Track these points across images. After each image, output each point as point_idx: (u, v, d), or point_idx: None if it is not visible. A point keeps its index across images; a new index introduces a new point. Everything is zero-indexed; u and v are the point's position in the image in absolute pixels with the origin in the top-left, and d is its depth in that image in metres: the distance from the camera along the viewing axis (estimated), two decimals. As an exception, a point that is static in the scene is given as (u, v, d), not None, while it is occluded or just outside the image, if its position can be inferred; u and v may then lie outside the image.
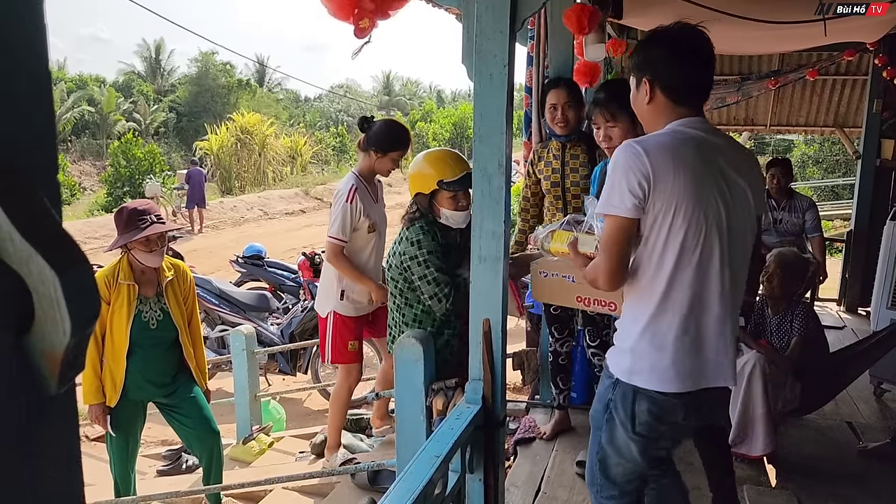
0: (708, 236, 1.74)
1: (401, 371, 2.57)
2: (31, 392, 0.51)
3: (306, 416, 6.35)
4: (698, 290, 1.77)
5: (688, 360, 1.80)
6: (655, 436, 1.91)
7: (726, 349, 1.84)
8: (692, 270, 1.76)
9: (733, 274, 1.80)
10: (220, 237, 16.11)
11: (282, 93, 42.40)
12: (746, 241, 1.85)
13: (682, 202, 1.71)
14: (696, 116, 1.82)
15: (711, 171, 1.75)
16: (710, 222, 1.74)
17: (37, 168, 0.52)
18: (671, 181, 1.70)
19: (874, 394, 4.25)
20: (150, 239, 3.21)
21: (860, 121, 7.11)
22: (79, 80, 33.53)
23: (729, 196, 1.77)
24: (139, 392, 3.36)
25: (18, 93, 0.50)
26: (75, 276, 0.50)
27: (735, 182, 1.79)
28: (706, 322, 1.80)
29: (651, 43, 1.88)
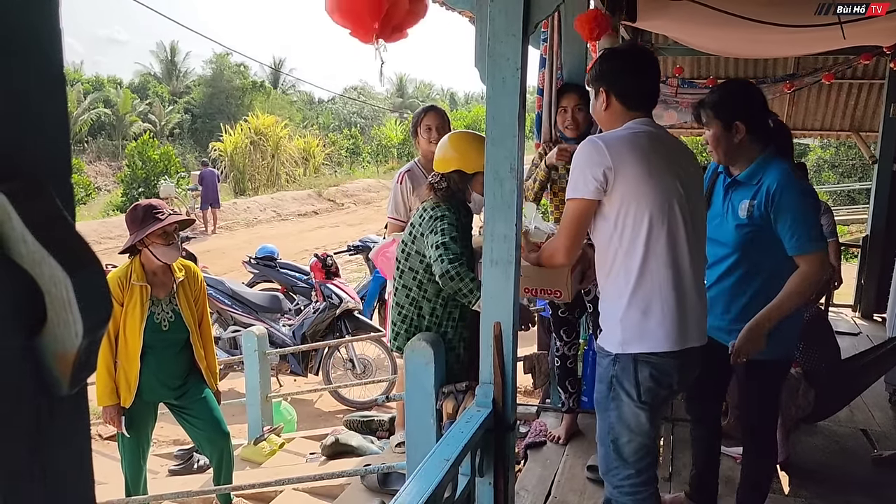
0: (672, 210, 2.00)
1: (411, 374, 2.57)
2: (43, 393, 0.52)
3: (317, 418, 6.37)
4: (671, 259, 2.01)
5: (673, 322, 2.02)
6: (658, 403, 2.12)
7: (702, 310, 2.13)
8: (664, 242, 1.99)
9: (699, 243, 2.11)
10: (233, 238, 16.19)
11: (296, 94, 42.59)
12: (704, 216, 2.21)
13: (644, 184, 1.97)
14: (647, 118, 2.12)
15: (665, 155, 2.05)
16: (673, 199, 2.00)
17: (50, 170, 0.53)
18: (630, 167, 1.97)
19: (889, 401, 4.20)
20: (168, 231, 3.23)
21: (877, 125, 7.04)
22: (95, 82, 33.85)
23: (684, 175, 2.06)
24: (152, 393, 3.38)
25: (32, 95, 0.51)
26: (87, 278, 0.50)
27: (686, 164, 2.12)
28: (683, 286, 2.04)
29: (607, 59, 2.18)
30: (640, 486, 2.16)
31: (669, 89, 6.81)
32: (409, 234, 2.87)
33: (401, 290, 2.91)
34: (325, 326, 6.54)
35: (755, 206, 2.34)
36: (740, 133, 2.36)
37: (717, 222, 2.49)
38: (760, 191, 2.33)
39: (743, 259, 2.41)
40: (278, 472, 4.52)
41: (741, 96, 2.44)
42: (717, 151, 2.44)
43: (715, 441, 2.83)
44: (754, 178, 2.38)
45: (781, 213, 2.27)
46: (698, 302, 2.10)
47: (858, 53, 6.03)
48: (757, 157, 2.39)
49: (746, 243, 2.38)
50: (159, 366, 3.34)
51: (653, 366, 2.04)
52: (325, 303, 6.52)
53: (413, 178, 3.74)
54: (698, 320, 2.10)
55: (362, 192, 23.60)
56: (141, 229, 3.19)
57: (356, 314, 6.60)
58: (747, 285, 2.43)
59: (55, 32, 0.51)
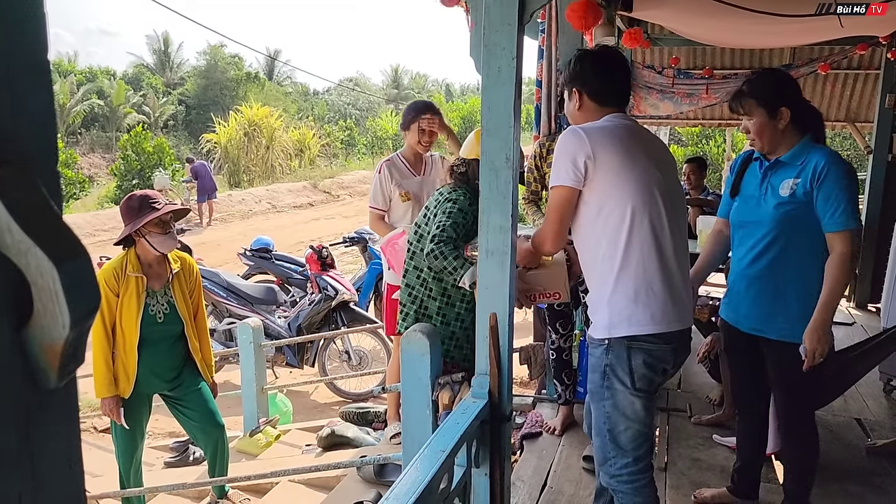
0: (653, 197, 2.06)
1: (407, 365, 2.56)
2: (32, 386, 0.51)
3: (313, 409, 6.37)
4: (655, 244, 2.06)
5: (659, 305, 2.07)
6: (652, 389, 2.16)
7: (687, 294, 2.19)
8: (647, 228, 2.05)
9: (680, 228, 2.16)
10: (229, 230, 16.14)
11: (290, 86, 42.40)
12: (683, 204, 2.27)
13: (624, 171, 2.05)
14: (621, 112, 2.21)
15: (642, 144, 2.13)
16: (653, 185, 2.07)
17: (36, 159, 0.52)
18: (610, 155, 2.05)
19: (884, 391, 4.22)
20: (164, 221, 3.22)
21: (872, 115, 7.04)
22: (89, 73, 33.60)
23: (661, 163, 2.14)
24: (146, 385, 3.38)
25: (17, 83, 0.50)
26: (74, 269, 0.49)
27: (661, 153, 2.21)
28: (669, 270, 2.09)
29: (577, 61, 2.26)
30: (638, 473, 2.18)
31: (666, 80, 6.79)
32: (424, 217, 2.99)
33: (414, 270, 3.03)
34: (321, 318, 6.54)
35: (799, 183, 2.39)
36: (784, 119, 2.42)
37: (751, 205, 2.55)
38: (806, 169, 2.39)
39: (780, 236, 2.45)
40: (274, 463, 4.52)
41: (783, 83, 2.49)
42: (761, 139, 2.47)
43: (759, 434, 2.84)
44: (798, 158, 2.44)
45: (825, 188, 2.33)
46: (683, 285, 2.15)
47: (854, 44, 6.02)
48: (798, 141, 2.45)
49: (785, 221, 2.42)
50: (154, 357, 3.33)
51: (646, 352, 2.08)
52: (321, 294, 6.51)
53: (393, 169, 3.80)
54: (685, 303, 2.16)
55: (358, 183, 23.54)
56: (137, 219, 3.18)
57: (352, 306, 6.59)
58: (784, 265, 2.46)
59: (39, 16, 0.50)
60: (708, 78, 6.78)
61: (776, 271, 2.46)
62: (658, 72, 6.82)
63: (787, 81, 2.52)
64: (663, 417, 3.77)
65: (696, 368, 4.39)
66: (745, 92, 2.47)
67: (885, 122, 6.29)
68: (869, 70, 7.32)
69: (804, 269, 2.42)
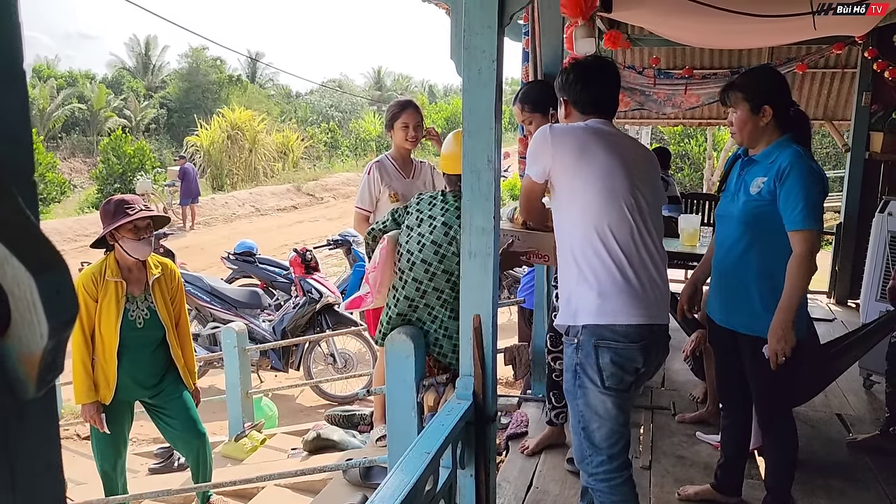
0: (615, 193, 2.11)
1: (392, 368, 2.56)
2: (9, 397, 0.51)
3: (299, 413, 6.35)
4: (620, 238, 2.11)
5: (621, 297, 2.10)
6: (624, 387, 2.16)
7: (660, 290, 2.19)
8: (611, 223, 2.11)
9: (651, 225, 2.19)
10: (212, 234, 16.05)
11: (273, 88, 42.19)
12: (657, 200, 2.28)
13: (583, 167, 2.12)
14: (604, 119, 2.27)
15: (609, 143, 2.17)
16: (617, 182, 2.12)
17: (11, 167, 0.51)
18: (568, 152, 2.14)
19: (864, 386, 4.27)
20: (139, 226, 3.19)
21: (849, 114, 7.12)
22: (69, 77, 33.27)
23: (634, 161, 2.19)
24: (127, 392, 3.34)
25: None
26: (52, 279, 0.49)
27: (634, 152, 2.25)
28: (633, 264, 2.12)
29: (565, 72, 2.35)
30: (614, 471, 2.20)
31: (647, 80, 6.83)
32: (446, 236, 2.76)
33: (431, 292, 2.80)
34: (306, 321, 6.52)
35: (765, 182, 2.44)
36: (767, 117, 2.46)
37: (728, 200, 2.63)
38: (772, 168, 2.43)
39: (746, 232, 2.50)
40: (260, 468, 4.50)
41: (771, 81, 2.54)
42: (741, 133, 2.53)
43: (742, 431, 2.86)
44: (769, 157, 2.48)
45: (787, 187, 2.37)
46: (651, 282, 2.15)
47: (831, 43, 6.09)
48: (775, 140, 2.50)
49: (751, 218, 2.48)
50: (134, 364, 3.30)
51: (613, 350, 2.10)
52: (305, 298, 6.49)
53: (382, 170, 3.77)
54: (653, 299, 2.15)
55: (341, 185, 23.49)
56: (111, 223, 3.16)
57: (336, 309, 6.57)
58: (748, 260, 2.51)
59: (13, 24, 0.50)
60: (688, 77, 6.83)
61: (742, 266, 2.53)
62: (639, 72, 6.86)
63: (776, 80, 2.56)
64: (647, 415, 3.79)
65: (679, 366, 4.43)
66: (735, 84, 2.53)
67: (862, 120, 6.36)
68: (846, 69, 7.39)
69: (768, 265, 2.47)
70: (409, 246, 2.79)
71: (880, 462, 3.31)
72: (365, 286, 2.94)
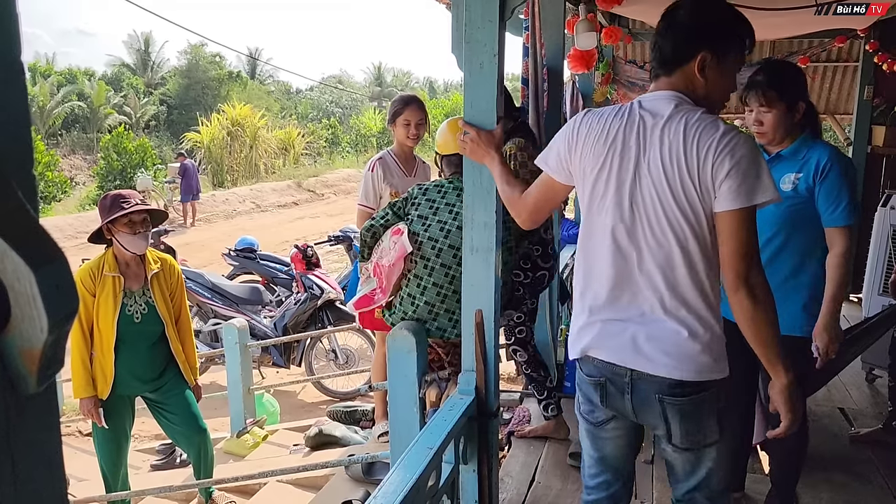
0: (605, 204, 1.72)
1: (394, 362, 2.56)
2: (10, 391, 0.50)
3: (300, 409, 6.35)
4: (590, 258, 1.79)
5: (577, 327, 1.84)
6: (593, 420, 1.89)
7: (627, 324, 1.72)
8: (589, 238, 1.79)
9: (637, 247, 1.69)
10: (213, 230, 16.05)
11: (273, 84, 42.18)
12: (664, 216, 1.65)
13: (588, 169, 1.75)
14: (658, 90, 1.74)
15: (627, 142, 1.68)
16: (601, 184, 1.72)
17: (11, 162, 0.51)
18: (582, 150, 1.76)
19: (866, 380, 4.27)
20: (134, 221, 3.20)
21: (851, 107, 7.11)
22: (68, 74, 33.24)
23: (646, 169, 1.66)
24: (126, 387, 3.34)
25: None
26: (52, 273, 0.49)
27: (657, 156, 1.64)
28: (594, 288, 1.78)
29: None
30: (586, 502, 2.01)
31: (647, 74, 6.82)
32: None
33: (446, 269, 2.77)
34: (307, 317, 6.52)
35: (801, 178, 2.40)
36: (800, 113, 2.43)
37: None
38: (808, 164, 2.40)
39: (780, 231, 2.45)
40: (262, 464, 4.51)
41: (802, 77, 2.51)
42: (775, 131, 2.45)
43: (745, 426, 2.82)
44: (798, 153, 2.45)
45: (828, 184, 2.34)
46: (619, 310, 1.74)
47: (833, 36, 6.08)
48: (798, 135, 2.47)
49: (786, 216, 2.43)
50: (133, 359, 3.31)
51: (580, 379, 1.89)
52: (307, 294, 6.49)
53: (385, 167, 3.74)
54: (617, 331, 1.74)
55: (342, 182, 23.49)
56: (106, 217, 3.17)
57: (338, 304, 6.57)
58: (783, 259, 2.46)
59: (11, 16, 0.50)
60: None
61: (776, 265, 2.44)
62: (639, 66, 6.84)
63: (803, 75, 2.54)
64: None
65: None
66: (767, 83, 2.43)
67: (864, 114, 6.35)
68: (848, 62, 7.39)
69: (800, 262, 2.43)
70: (431, 233, 2.74)
71: (883, 456, 3.31)
72: (370, 282, 2.92)
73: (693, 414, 1.73)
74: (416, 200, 2.85)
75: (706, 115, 1.65)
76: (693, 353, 1.67)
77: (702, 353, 1.67)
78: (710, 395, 1.73)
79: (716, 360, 1.70)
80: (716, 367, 1.70)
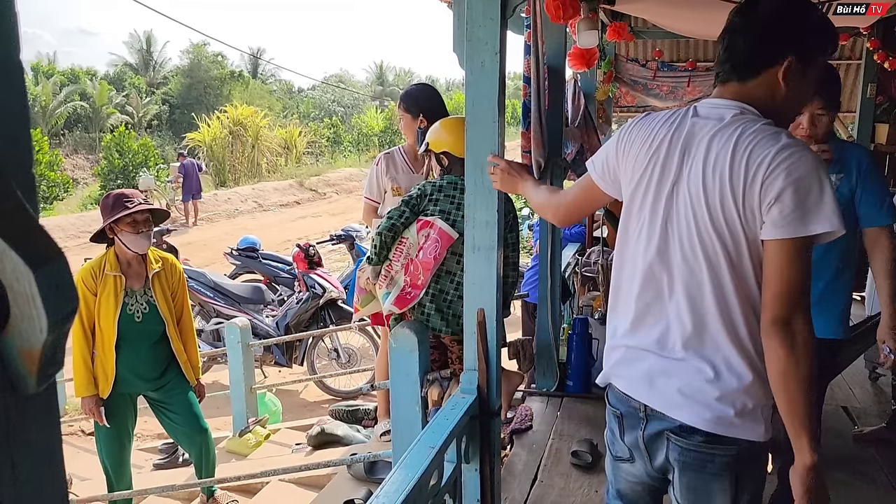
0: (641, 221, 1.54)
1: (396, 362, 2.56)
2: (10, 392, 0.50)
3: (303, 408, 6.36)
4: (621, 276, 1.62)
5: (608, 345, 1.66)
6: (613, 454, 1.70)
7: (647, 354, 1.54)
8: (622, 254, 1.61)
9: (669, 271, 1.50)
10: (215, 230, 16.06)
11: (275, 84, 42.20)
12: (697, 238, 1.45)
13: (628, 179, 1.57)
14: (720, 97, 1.52)
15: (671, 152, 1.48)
16: (647, 204, 1.52)
17: (10, 162, 0.51)
18: (626, 158, 1.58)
19: (869, 378, 4.26)
20: (137, 220, 3.20)
21: (854, 105, 7.09)
22: (70, 74, 33.29)
23: (685, 183, 1.46)
24: (127, 386, 3.35)
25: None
26: (51, 272, 0.49)
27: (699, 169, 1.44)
28: (622, 310, 1.61)
29: None
30: None
31: (649, 72, 6.82)
32: None
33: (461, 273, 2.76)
34: (309, 316, 6.52)
35: (843, 179, 2.40)
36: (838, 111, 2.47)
37: None
38: (847, 165, 2.40)
39: None
40: (264, 463, 4.51)
41: (839, 78, 2.51)
42: (819, 130, 2.41)
43: None
44: (834, 154, 2.43)
45: (871, 184, 2.36)
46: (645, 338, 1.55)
47: (835, 34, 6.06)
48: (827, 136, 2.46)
49: None
50: (134, 358, 3.31)
51: (607, 406, 1.70)
52: (309, 293, 6.49)
53: (390, 162, 3.73)
54: (637, 364, 1.56)
55: (344, 181, 23.50)
56: (108, 217, 3.17)
57: (340, 304, 6.58)
58: (827, 265, 2.43)
59: (9, 16, 0.49)
60: (691, 70, 6.82)
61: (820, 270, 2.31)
62: (642, 65, 6.84)
63: None
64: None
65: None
66: (831, 93, 2.38)
67: (867, 112, 6.34)
68: (851, 60, 7.36)
69: (842, 266, 2.45)
70: (458, 228, 2.76)
71: (886, 454, 3.30)
72: (395, 284, 2.84)
73: (696, 469, 1.50)
74: (434, 197, 2.86)
75: (768, 125, 1.42)
76: (708, 400, 1.45)
77: (720, 400, 1.44)
78: (725, 454, 1.47)
79: (740, 415, 1.44)
80: (739, 424, 1.44)
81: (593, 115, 4.91)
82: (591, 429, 3.44)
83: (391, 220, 2.84)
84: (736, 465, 1.47)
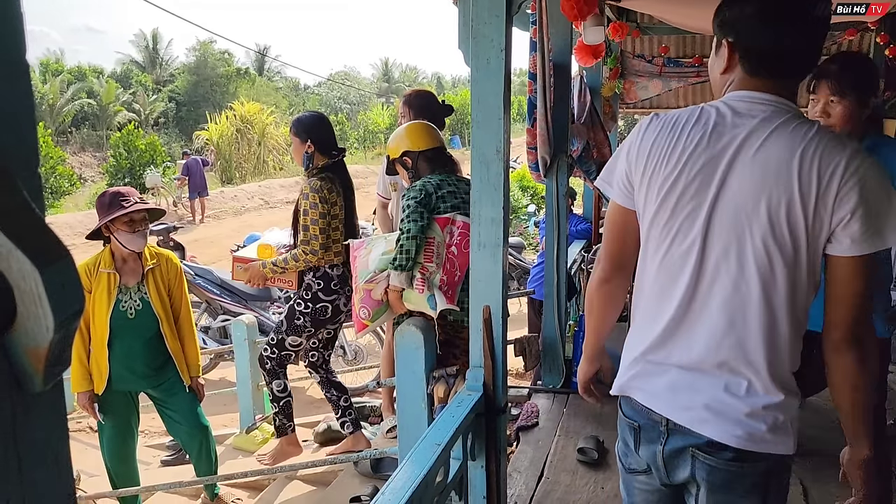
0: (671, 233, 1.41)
1: (402, 359, 2.56)
2: (16, 390, 0.51)
3: (309, 405, 6.36)
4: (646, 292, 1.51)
5: (628, 359, 1.56)
6: (626, 466, 1.63)
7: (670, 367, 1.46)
8: (644, 270, 1.51)
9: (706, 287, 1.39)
10: (222, 227, 16.11)
11: (281, 81, 42.28)
12: (751, 250, 1.34)
13: (654, 188, 1.42)
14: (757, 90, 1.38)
15: (712, 156, 1.35)
16: (679, 215, 1.39)
17: (16, 160, 0.51)
18: (646, 164, 1.43)
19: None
20: (134, 219, 3.22)
21: (862, 101, 7.07)
22: (77, 72, 33.41)
23: (735, 190, 1.33)
24: (123, 382, 3.36)
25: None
26: (57, 271, 0.49)
27: (754, 175, 1.31)
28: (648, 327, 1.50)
29: None
30: None
31: (655, 68, 6.80)
32: None
33: None
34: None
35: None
36: (869, 109, 2.32)
37: None
38: (888, 164, 2.29)
39: None
40: (271, 460, 4.52)
41: (875, 70, 2.39)
42: (844, 125, 2.30)
43: None
44: (871, 151, 2.38)
45: None
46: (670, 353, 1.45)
47: (843, 29, 6.02)
48: (866, 133, 2.38)
49: None
50: (128, 354, 3.33)
51: (620, 417, 1.62)
52: (315, 290, 6.49)
53: None
54: (660, 376, 1.47)
55: (350, 177, 23.49)
56: (105, 215, 3.19)
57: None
58: None
59: (15, 15, 0.50)
60: (697, 66, 6.79)
61: None
62: (648, 61, 6.82)
63: (876, 68, 2.45)
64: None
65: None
66: (838, 72, 2.30)
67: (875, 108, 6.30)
68: (858, 56, 7.33)
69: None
70: None
71: (892, 452, 3.28)
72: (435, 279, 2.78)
73: (725, 489, 1.43)
74: (440, 193, 2.87)
75: (826, 129, 1.33)
76: (738, 416, 1.37)
77: (750, 417, 1.36)
78: (754, 470, 1.40)
79: (772, 430, 1.37)
80: (770, 439, 1.37)
81: (599, 112, 4.90)
82: (597, 426, 3.44)
83: (419, 224, 2.76)
84: (765, 481, 1.43)
